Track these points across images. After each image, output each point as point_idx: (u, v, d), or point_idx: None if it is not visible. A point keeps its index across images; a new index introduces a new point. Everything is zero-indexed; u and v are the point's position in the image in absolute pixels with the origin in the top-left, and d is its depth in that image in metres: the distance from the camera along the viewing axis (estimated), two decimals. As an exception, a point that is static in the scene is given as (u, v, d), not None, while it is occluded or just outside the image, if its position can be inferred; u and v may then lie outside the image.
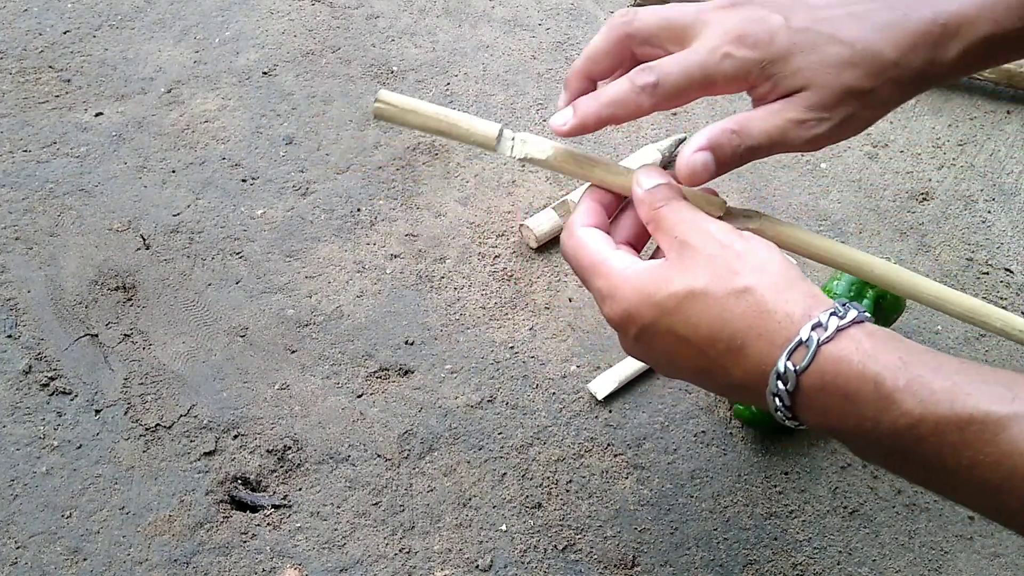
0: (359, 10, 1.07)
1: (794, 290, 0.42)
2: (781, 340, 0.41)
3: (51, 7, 1.04)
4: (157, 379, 0.72)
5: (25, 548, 0.62)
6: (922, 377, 0.38)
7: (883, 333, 0.41)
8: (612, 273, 0.46)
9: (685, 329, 0.43)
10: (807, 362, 0.40)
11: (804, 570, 0.63)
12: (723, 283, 0.43)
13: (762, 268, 0.43)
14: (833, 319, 0.40)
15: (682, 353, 0.44)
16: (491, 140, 0.50)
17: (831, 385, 0.40)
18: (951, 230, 0.86)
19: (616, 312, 0.46)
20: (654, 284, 0.44)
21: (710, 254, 0.44)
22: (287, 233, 0.83)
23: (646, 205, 0.48)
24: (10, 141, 0.89)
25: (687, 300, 0.43)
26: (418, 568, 0.62)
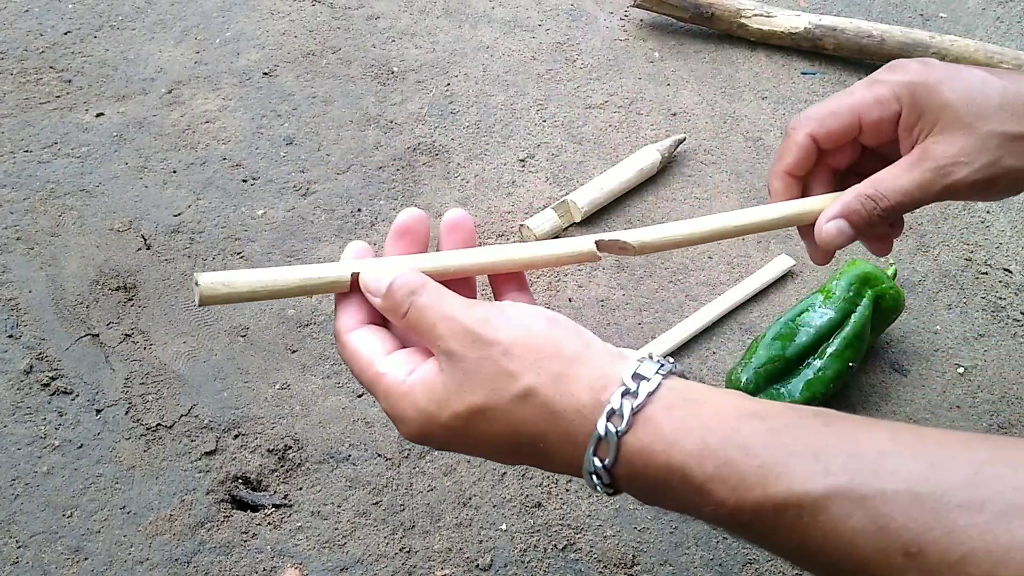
0: (359, 11, 1.07)
1: (578, 378, 0.39)
2: (581, 437, 0.39)
3: (52, 8, 1.04)
4: (158, 379, 0.72)
5: (26, 547, 0.62)
6: (729, 461, 0.35)
7: (682, 407, 0.38)
8: (392, 393, 0.42)
9: (484, 444, 0.41)
10: (612, 458, 0.38)
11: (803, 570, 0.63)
12: (501, 392, 0.40)
13: (536, 359, 0.40)
14: (626, 402, 0.38)
15: (495, 457, 0.43)
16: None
17: (642, 476, 0.38)
18: (950, 230, 0.86)
19: (411, 435, 0.43)
20: (435, 405, 0.41)
21: (477, 358, 0.40)
22: (288, 233, 0.83)
23: (392, 312, 0.44)
24: (11, 141, 0.89)
25: (474, 418, 0.40)
26: (418, 567, 0.62)
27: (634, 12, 1.10)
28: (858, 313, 0.70)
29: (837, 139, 0.52)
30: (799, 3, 1.13)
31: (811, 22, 1.03)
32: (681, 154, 0.92)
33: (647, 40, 1.06)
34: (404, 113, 0.95)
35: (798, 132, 0.52)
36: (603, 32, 1.07)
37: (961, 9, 1.14)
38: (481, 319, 0.41)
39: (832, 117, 0.52)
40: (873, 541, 0.33)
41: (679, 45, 1.06)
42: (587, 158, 0.91)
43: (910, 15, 1.13)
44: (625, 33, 1.07)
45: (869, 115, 0.51)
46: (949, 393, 0.73)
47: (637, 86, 1.00)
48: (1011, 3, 1.16)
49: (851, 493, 0.33)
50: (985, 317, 0.79)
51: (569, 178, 0.89)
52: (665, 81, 1.01)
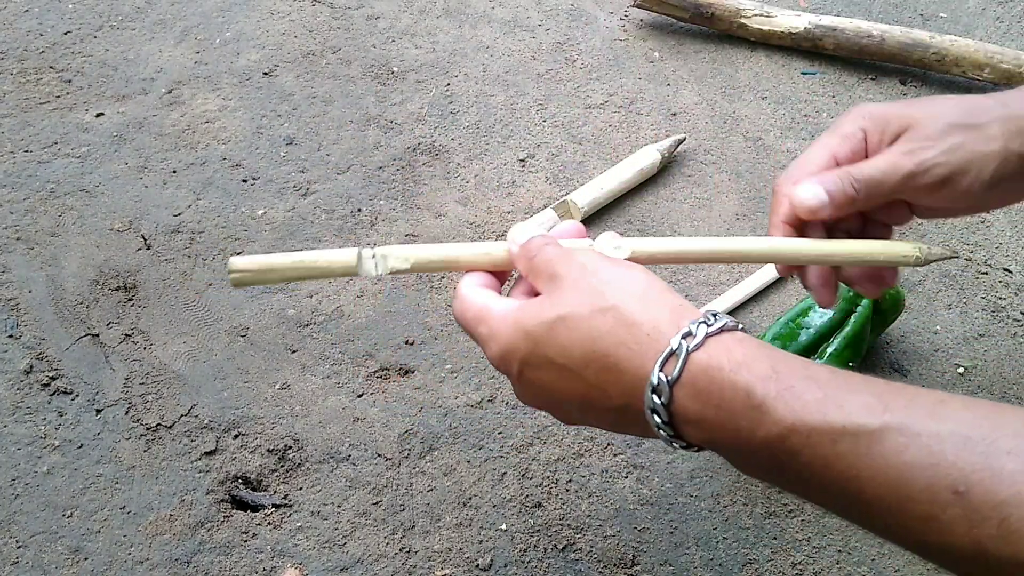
0: (359, 11, 1.07)
1: (660, 302, 0.43)
2: (652, 352, 0.41)
3: (52, 8, 1.04)
4: (158, 379, 0.72)
5: (26, 547, 0.62)
6: (793, 387, 0.37)
7: (754, 342, 0.40)
8: (492, 316, 0.46)
9: (558, 354, 0.43)
10: (678, 371, 0.39)
11: (803, 569, 0.63)
12: (588, 303, 0.43)
13: (626, 285, 0.44)
14: (702, 327, 0.40)
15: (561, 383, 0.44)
16: (352, 267, 0.50)
17: (703, 394, 0.39)
18: (950, 230, 0.86)
19: (496, 352, 0.46)
20: (527, 316, 0.44)
21: (575, 278, 0.44)
22: (288, 233, 0.83)
23: (523, 259, 0.49)
24: (11, 141, 0.89)
25: (556, 324, 0.43)
26: (418, 567, 0.62)
27: (634, 12, 1.10)
28: (858, 313, 0.70)
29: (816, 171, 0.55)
30: (799, 3, 1.13)
31: (811, 22, 1.03)
32: (681, 154, 0.92)
33: (647, 40, 1.06)
34: (404, 113, 0.95)
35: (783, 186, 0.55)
36: (603, 32, 1.07)
37: (961, 9, 1.14)
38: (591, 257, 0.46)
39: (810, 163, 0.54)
40: (923, 476, 0.34)
41: (679, 45, 1.06)
42: (587, 158, 0.91)
43: (910, 15, 1.13)
44: (625, 33, 1.07)
45: (841, 150, 0.54)
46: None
47: (637, 86, 1.00)
48: (1011, 3, 1.16)
49: (907, 429, 0.35)
50: (985, 317, 0.79)
51: (569, 178, 0.89)
52: (665, 81, 1.01)
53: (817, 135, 0.95)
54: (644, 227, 0.85)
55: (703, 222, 0.86)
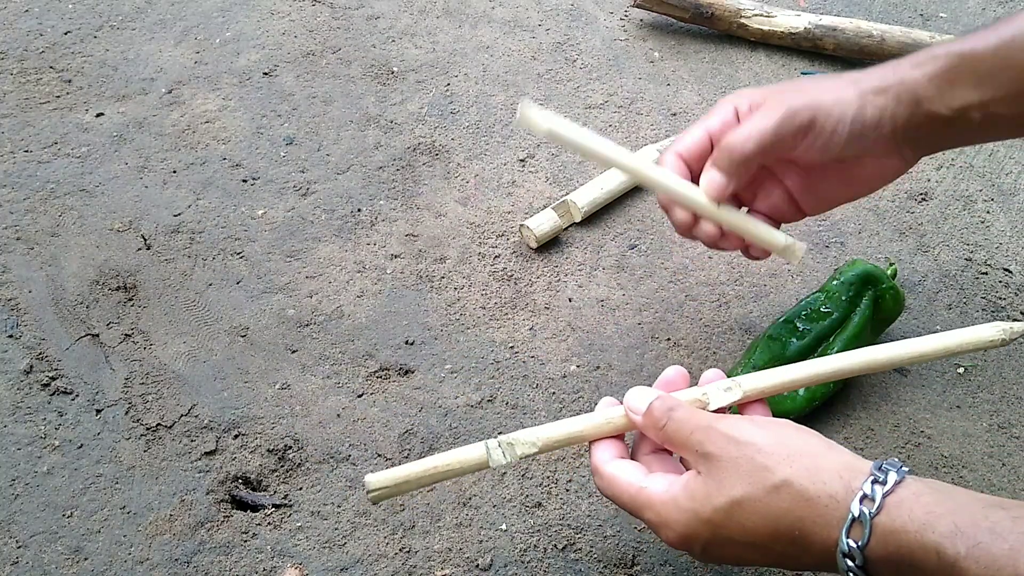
0: (359, 11, 1.07)
1: (828, 468, 0.44)
2: (835, 521, 0.43)
3: (52, 8, 1.04)
4: (158, 379, 0.72)
5: (26, 547, 0.62)
6: (980, 543, 0.39)
7: (928, 493, 0.42)
8: (655, 503, 0.49)
9: (743, 536, 0.45)
10: (867, 538, 0.41)
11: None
12: (759, 483, 0.45)
13: (788, 455, 0.45)
14: (876, 487, 0.42)
15: (751, 554, 0.47)
16: (484, 462, 0.53)
17: (895, 555, 0.41)
18: (950, 230, 0.86)
19: (674, 538, 0.48)
20: (698, 503, 0.46)
21: (735, 458, 0.46)
22: (288, 233, 0.83)
23: (651, 429, 0.51)
24: (11, 141, 0.89)
25: (734, 510, 0.45)
26: (418, 567, 0.62)
27: (634, 12, 1.10)
28: (858, 313, 0.70)
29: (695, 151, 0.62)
30: (799, 3, 1.13)
31: (811, 22, 1.03)
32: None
33: (647, 40, 1.06)
34: (404, 113, 0.95)
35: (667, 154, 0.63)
36: (603, 32, 1.07)
37: (961, 9, 1.14)
38: (733, 425, 0.48)
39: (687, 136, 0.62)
40: None
41: (679, 45, 1.06)
42: (587, 158, 0.91)
43: (910, 15, 1.13)
44: (625, 33, 1.07)
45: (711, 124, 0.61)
46: (949, 393, 0.73)
47: (637, 86, 1.00)
48: (1011, 3, 1.16)
49: None
50: (985, 317, 0.79)
51: (569, 178, 0.89)
52: (665, 81, 1.01)
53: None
54: (644, 227, 0.85)
55: (703, 222, 0.86)
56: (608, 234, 0.84)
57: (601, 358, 0.75)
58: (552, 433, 0.54)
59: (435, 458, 0.53)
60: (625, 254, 0.83)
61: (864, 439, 0.70)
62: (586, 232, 0.84)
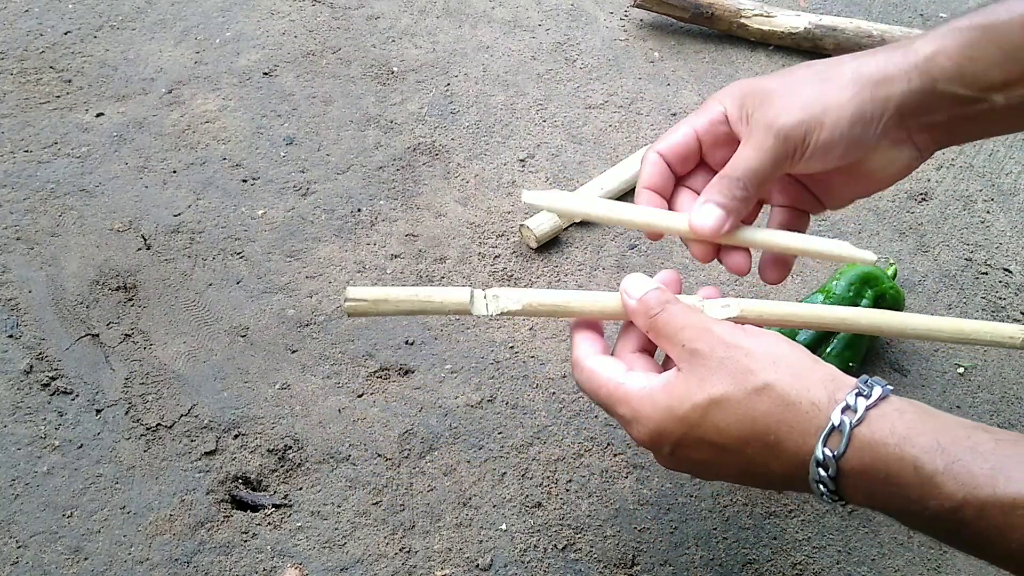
0: (359, 11, 1.07)
1: (812, 376, 0.43)
2: (813, 428, 0.42)
3: (52, 8, 1.04)
4: (158, 379, 0.72)
5: (26, 547, 0.62)
6: (961, 460, 0.38)
7: (912, 410, 0.41)
8: (631, 397, 0.47)
9: (716, 436, 0.44)
10: (844, 447, 0.41)
11: (803, 569, 0.63)
12: (742, 384, 0.44)
13: (775, 361, 0.44)
14: (860, 400, 0.41)
15: (719, 458, 0.46)
16: (465, 305, 0.51)
17: (871, 468, 0.40)
18: (950, 230, 0.86)
19: (644, 434, 0.47)
20: (675, 399, 0.45)
21: (721, 357, 0.45)
22: (288, 233, 0.83)
23: (641, 315, 0.50)
24: (11, 141, 0.89)
25: (711, 408, 0.44)
26: (418, 567, 0.62)
27: (634, 12, 1.10)
28: (858, 313, 0.70)
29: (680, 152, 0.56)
30: (799, 3, 1.13)
31: (811, 22, 1.03)
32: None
33: (647, 40, 1.06)
34: (404, 113, 0.95)
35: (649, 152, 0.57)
36: (603, 32, 1.07)
37: (961, 9, 1.14)
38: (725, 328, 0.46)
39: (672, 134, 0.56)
40: None
41: (679, 45, 1.06)
42: (587, 158, 0.91)
43: (910, 15, 1.13)
44: (625, 33, 1.07)
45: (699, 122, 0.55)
46: (949, 393, 0.73)
47: (637, 86, 1.00)
48: (1011, 3, 1.16)
49: None
50: (985, 317, 0.79)
51: (569, 178, 0.89)
52: (665, 81, 1.01)
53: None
54: (644, 227, 0.85)
55: (703, 222, 0.86)
56: (608, 234, 0.84)
57: (601, 358, 0.75)
58: (538, 298, 0.52)
59: (420, 289, 0.52)
60: (625, 254, 0.83)
61: (864, 439, 0.70)
62: (586, 232, 0.84)
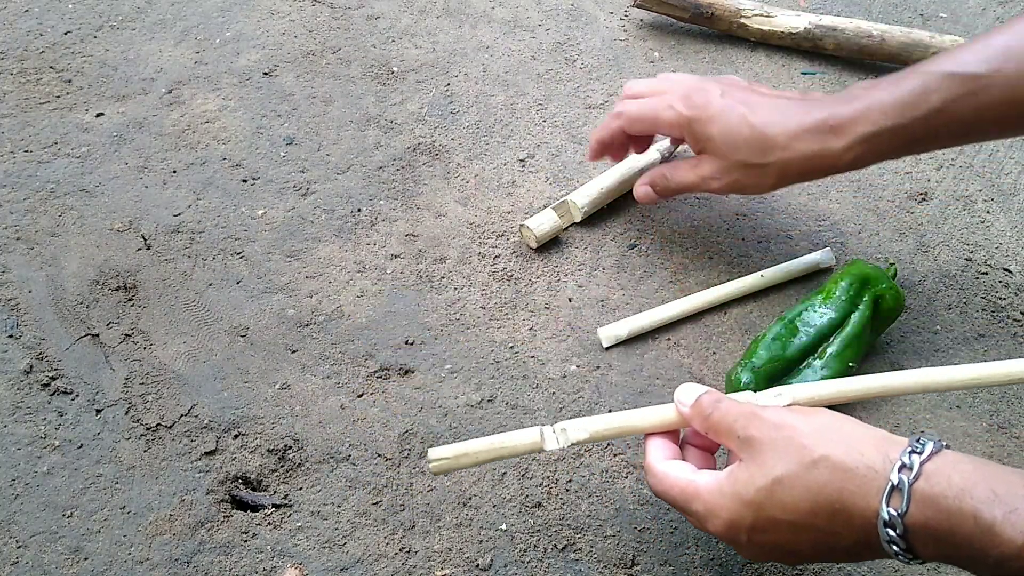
0: (359, 11, 1.07)
1: (865, 442, 0.46)
2: (875, 490, 0.44)
3: (52, 8, 1.04)
4: (158, 379, 0.72)
5: (26, 548, 0.62)
6: (1017, 509, 0.40)
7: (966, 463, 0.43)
8: (701, 492, 0.51)
9: (784, 514, 0.47)
10: (906, 505, 0.42)
11: (803, 569, 0.63)
12: (798, 460, 0.47)
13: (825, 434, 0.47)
14: (914, 457, 0.43)
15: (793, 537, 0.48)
16: (537, 444, 0.57)
17: (933, 522, 0.42)
18: (950, 230, 0.86)
19: (720, 526, 0.50)
20: (741, 486, 0.48)
21: (774, 439, 0.48)
22: (288, 233, 0.83)
23: (699, 419, 0.54)
24: (11, 141, 0.89)
25: (775, 488, 0.47)
26: (418, 567, 0.62)
27: (634, 12, 1.10)
28: (858, 313, 0.70)
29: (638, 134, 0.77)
30: (799, 3, 1.13)
31: (811, 22, 1.03)
32: (681, 154, 0.92)
33: (647, 40, 1.06)
34: (404, 113, 0.95)
35: (614, 123, 0.76)
36: (603, 32, 1.07)
37: (961, 9, 1.14)
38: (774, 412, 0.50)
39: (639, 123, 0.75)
40: None
41: (679, 45, 1.06)
42: (587, 158, 0.91)
43: (910, 15, 1.13)
44: (625, 33, 1.07)
45: (663, 130, 0.74)
46: (949, 393, 0.73)
47: (637, 86, 1.00)
48: (1011, 3, 1.16)
49: None
50: (985, 317, 0.79)
51: (569, 178, 0.89)
52: (665, 81, 1.01)
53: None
54: (644, 227, 0.85)
55: (703, 221, 0.86)
56: (608, 234, 0.84)
57: (601, 358, 0.75)
58: (603, 425, 0.57)
59: (494, 438, 0.57)
60: (625, 254, 0.83)
61: (864, 439, 0.70)
62: (586, 232, 0.84)
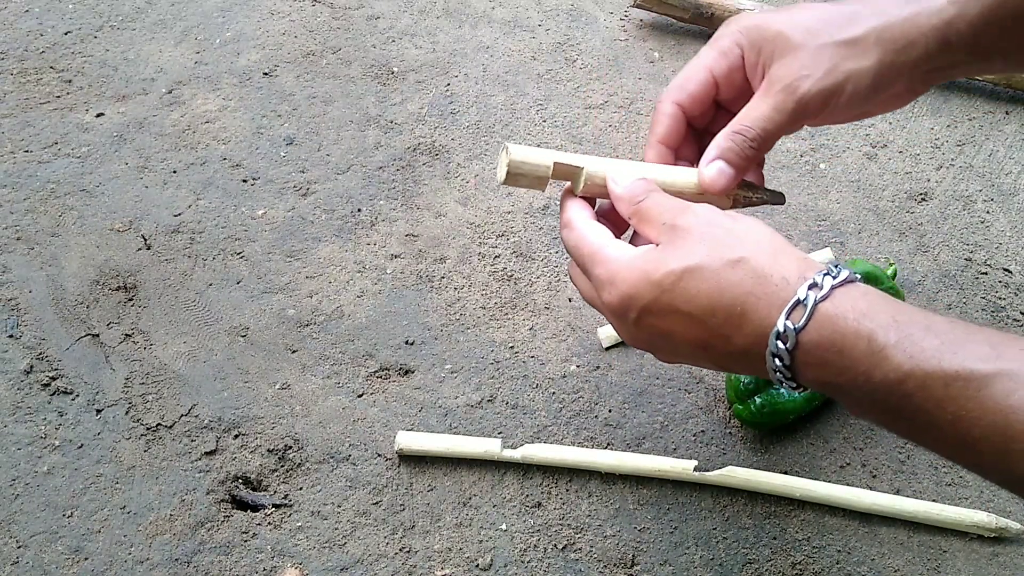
0: (360, 11, 1.07)
1: (787, 255, 0.45)
2: (779, 301, 0.43)
3: (52, 8, 1.04)
4: (158, 379, 0.72)
5: (26, 547, 0.62)
6: (912, 335, 0.40)
7: (875, 293, 0.43)
8: (610, 260, 0.48)
9: (685, 303, 0.45)
10: (805, 320, 0.42)
11: (803, 569, 0.63)
12: (718, 256, 0.45)
13: (754, 239, 0.46)
14: (827, 279, 0.42)
15: (682, 329, 0.46)
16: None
17: (827, 341, 0.41)
18: (950, 230, 0.86)
19: (616, 296, 0.47)
20: (651, 265, 0.46)
21: (702, 232, 0.46)
22: (288, 233, 0.83)
23: (625, 201, 0.51)
24: (11, 141, 0.89)
25: (685, 275, 0.45)
26: (418, 567, 0.62)
27: (634, 12, 1.10)
28: (858, 313, 0.70)
29: (699, 100, 0.56)
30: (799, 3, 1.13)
31: (811, 22, 1.03)
32: (681, 154, 0.92)
33: (647, 40, 1.06)
34: (404, 113, 0.95)
35: (664, 103, 0.56)
36: (603, 32, 1.07)
37: (961, 9, 1.14)
38: (708, 209, 0.48)
39: (689, 81, 0.56)
40: None
41: (679, 45, 1.06)
42: (587, 158, 0.91)
43: (910, 15, 1.13)
44: (625, 33, 1.07)
45: (718, 67, 0.55)
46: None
47: (637, 86, 1.00)
48: (1011, 3, 1.16)
49: (1016, 376, 0.37)
50: (985, 317, 0.79)
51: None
52: (665, 81, 1.01)
53: (816, 135, 0.95)
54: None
55: (703, 222, 0.86)
56: (608, 234, 0.84)
57: (601, 358, 0.75)
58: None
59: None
60: (625, 254, 0.83)
61: (864, 439, 0.70)
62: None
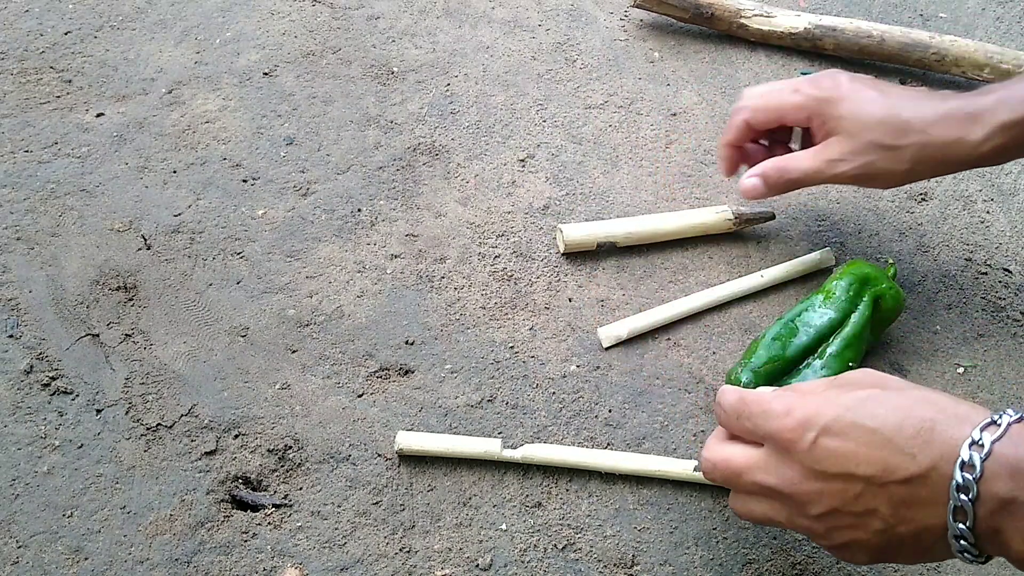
0: (360, 11, 1.07)
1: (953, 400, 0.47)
2: (970, 422, 0.44)
3: (52, 8, 1.04)
4: (158, 379, 0.72)
5: (26, 547, 0.62)
6: None
7: None
8: (790, 394, 0.51)
9: (871, 420, 0.46)
10: (1000, 433, 0.43)
11: (803, 569, 0.63)
12: (897, 384, 0.48)
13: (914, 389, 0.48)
14: (1004, 416, 0.44)
15: (864, 449, 0.46)
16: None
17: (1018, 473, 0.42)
18: (950, 230, 0.86)
19: (796, 419, 0.48)
20: (833, 392, 0.49)
21: (869, 375, 0.50)
22: (288, 233, 0.83)
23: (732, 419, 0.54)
24: (11, 141, 0.89)
25: (871, 398, 0.47)
26: (418, 567, 0.62)
27: (634, 12, 1.10)
28: (858, 313, 0.70)
29: (764, 123, 0.72)
30: (799, 3, 1.13)
31: (811, 22, 1.03)
32: (680, 154, 0.92)
33: (647, 40, 1.06)
34: (404, 113, 0.95)
35: (737, 117, 0.72)
36: (603, 32, 1.07)
37: (961, 9, 1.15)
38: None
39: (762, 112, 0.71)
40: None
41: (679, 45, 1.06)
42: (587, 158, 0.91)
43: (910, 15, 1.13)
44: (625, 33, 1.07)
45: (788, 115, 0.70)
46: (949, 392, 0.73)
47: (637, 86, 1.00)
48: (1011, 3, 1.16)
49: None
50: (985, 317, 0.79)
51: (569, 178, 0.89)
52: (665, 81, 1.01)
53: (817, 135, 0.95)
54: (644, 227, 0.85)
55: (703, 222, 0.86)
56: (608, 234, 0.84)
57: (601, 358, 0.75)
58: None
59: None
60: (625, 254, 0.83)
61: (864, 439, 0.70)
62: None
